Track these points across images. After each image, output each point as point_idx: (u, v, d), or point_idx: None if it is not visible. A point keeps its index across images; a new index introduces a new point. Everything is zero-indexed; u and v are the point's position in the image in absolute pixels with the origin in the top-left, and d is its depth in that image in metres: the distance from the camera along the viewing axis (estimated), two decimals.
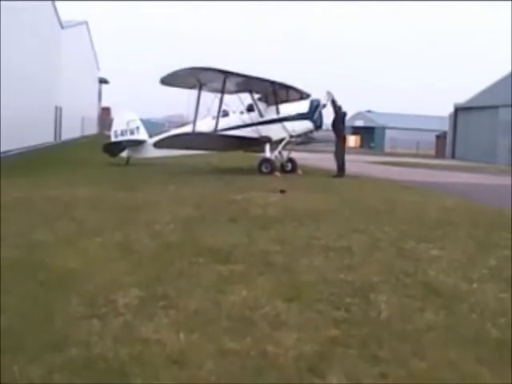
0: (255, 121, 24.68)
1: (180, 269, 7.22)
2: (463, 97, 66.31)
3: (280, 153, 25.06)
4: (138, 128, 28.71)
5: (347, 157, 25.17)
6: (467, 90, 71.36)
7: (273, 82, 24.56)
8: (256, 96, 25.46)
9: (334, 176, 23.98)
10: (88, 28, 72.77)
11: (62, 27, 49.75)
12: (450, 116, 67.70)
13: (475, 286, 6.96)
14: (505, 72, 59.83)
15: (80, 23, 64.72)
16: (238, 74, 23.54)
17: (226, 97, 24.60)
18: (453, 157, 63.35)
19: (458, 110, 65.73)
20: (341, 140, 25.11)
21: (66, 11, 50.00)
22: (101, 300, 5.93)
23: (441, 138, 73.44)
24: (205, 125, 24.53)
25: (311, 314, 5.75)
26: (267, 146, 24.10)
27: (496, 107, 57.59)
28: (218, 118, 24.08)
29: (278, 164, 24.63)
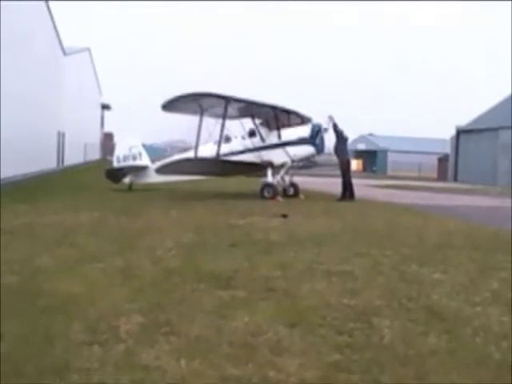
0: (257, 146, 24.75)
1: (181, 295, 7.20)
2: (465, 119, 66.56)
3: (282, 177, 25.08)
4: (140, 154, 28.79)
5: None
6: (469, 112, 71.52)
7: (274, 107, 24.63)
8: (257, 121, 25.55)
9: (338, 200, 24.01)
10: (90, 54, 73.24)
11: (65, 54, 50.06)
12: (452, 139, 67.83)
13: (478, 309, 6.94)
14: (505, 94, 60.10)
15: (82, 50, 65.18)
16: (239, 100, 23.62)
17: (228, 122, 24.65)
18: (455, 179, 63.39)
19: (460, 132, 65.85)
20: (345, 164, 25.16)
21: (68, 37, 50.25)
22: (102, 326, 5.91)
23: (443, 160, 73.54)
24: (207, 150, 24.57)
25: (314, 339, 5.72)
26: (269, 171, 24.09)
27: (496, 129, 57.77)
28: (219, 143, 24.10)
29: (280, 189, 24.63)
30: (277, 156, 24.33)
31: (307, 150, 24.25)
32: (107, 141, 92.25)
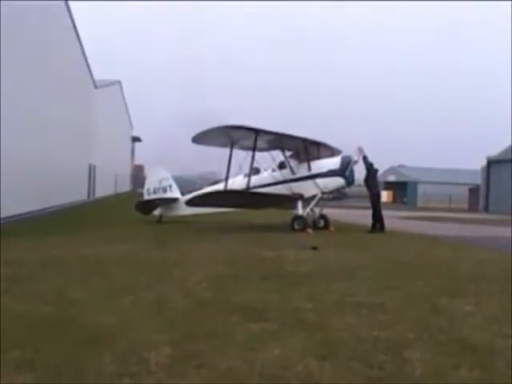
0: (287, 178, 24.77)
1: (212, 327, 7.21)
2: (495, 150, 66.16)
3: (312, 209, 25.04)
4: (170, 186, 28.95)
5: None
6: (500, 143, 70.99)
7: (304, 139, 24.64)
8: (287, 153, 25.59)
9: (368, 232, 23.95)
10: (121, 87, 73.97)
11: (96, 87, 50.63)
12: (483, 169, 67.43)
13: (511, 341, 6.87)
14: None
15: (113, 83, 65.89)
16: (269, 132, 23.66)
17: (258, 154, 24.73)
18: (486, 210, 62.90)
19: (491, 163, 65.45)
20: (375, 196, 25.12)
21: (100, 70, 50.87)
22: (133, 358, 5.92)
23: (474, 191, 73.14)
24: (237, 182, 24.69)
25: (344, 372, 5.69)
26: (299, 203, 24.10)
27: None
28: (249, 175, 24.21)
29: (310, 221, 24.58)
30: (307, 188, 24.31)
31: (337, 181, 24.21)
32: (138, 172, 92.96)
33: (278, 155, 25.80)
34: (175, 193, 28.80)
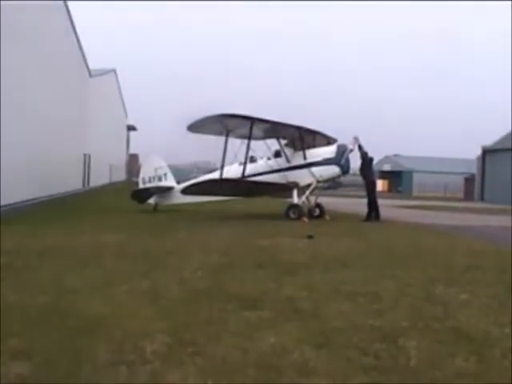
0: (282, 166, 24.77)
1: (208, 315, 7.19)
2: (491, 139, 66.12)
3: (307, 198, 25.03)
4: (165, 174, 28.88)
5: None
6: (495, 132, 71.03)
7: (299, 128, 24.62)
8: (283, 142, 25.55)
9: (364, 220, 23.94)
10: (116, 76, 73.62)
11: (91, 75, 50.39)
12: (478, 158, 67.33)
13: (507, 330, 6.86)
14: None
15: (108, 71, 65.50)
16: (264, 121, 23.63)
17: (253, 143, 24.69)
18: (481, 199, 62.84)
19: (486, 152, 65.35)
20: (370, 185, 25.10)
21: (94, 58, 50.62)
22: (129, 347, 5.91)
23: (469, 180, 73.10)
24: (232, 171, 24.64)
25: (340, 361, 5.67)
26: (295, 192, 24.10)
27: None
28: (245, 164, 24.15)
29: (305, 209, 24.57)
30: (302, 176, 24.32)
31: (333, 170, 24.22)
32: (133, 162, 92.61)
33: (273, 144, 25.77)
34: (170, 181, 28.74)
